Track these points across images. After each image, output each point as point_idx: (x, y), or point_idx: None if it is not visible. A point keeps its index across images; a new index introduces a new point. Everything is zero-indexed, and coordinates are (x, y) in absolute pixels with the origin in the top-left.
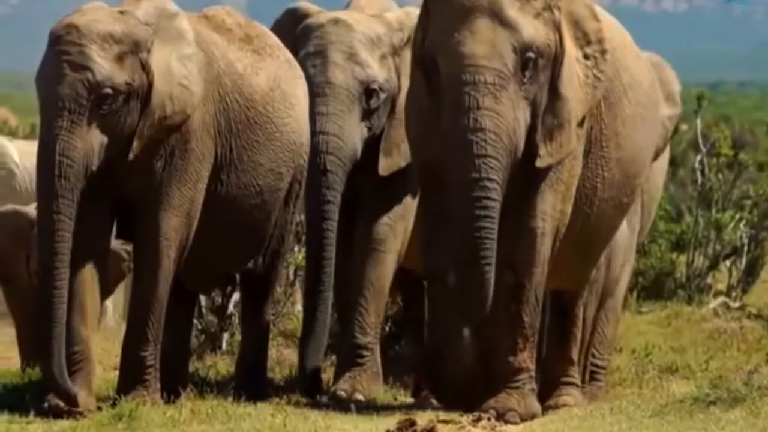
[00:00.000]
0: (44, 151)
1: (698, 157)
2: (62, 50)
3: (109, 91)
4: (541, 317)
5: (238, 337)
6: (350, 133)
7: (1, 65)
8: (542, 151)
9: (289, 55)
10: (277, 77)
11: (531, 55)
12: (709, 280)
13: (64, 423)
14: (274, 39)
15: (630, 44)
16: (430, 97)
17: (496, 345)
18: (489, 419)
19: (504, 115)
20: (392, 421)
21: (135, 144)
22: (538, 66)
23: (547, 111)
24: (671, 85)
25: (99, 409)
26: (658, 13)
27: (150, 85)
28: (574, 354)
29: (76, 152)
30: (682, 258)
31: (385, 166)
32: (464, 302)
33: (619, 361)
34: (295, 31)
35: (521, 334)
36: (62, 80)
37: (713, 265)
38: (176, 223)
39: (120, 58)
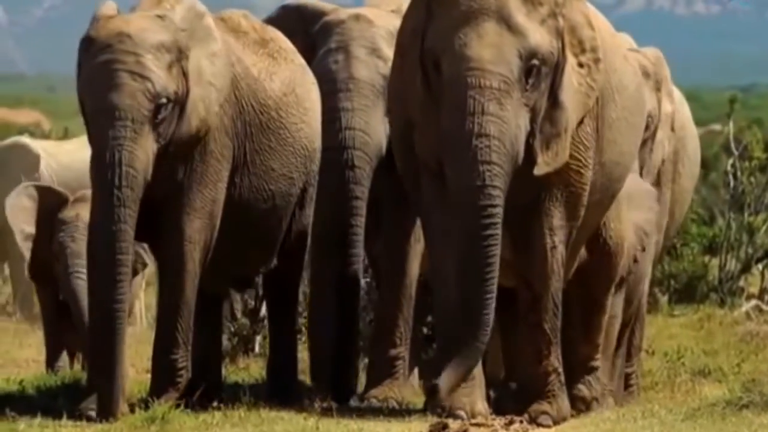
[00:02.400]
0: (107, 161)
1: (730, 161)
2: (117, 59)
3: (164, 100)
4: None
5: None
6: (375, 128)
7: (35, 68)
8: (539, 159)
9: (302, 59)
10: (291, 82)
11: (535, 62)
12: (741, 283)
13: (97, 426)
14: (288, 43)
15: (619, 46)
16: (428, 97)
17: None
18: (521, 422)
19: (507, 122)
20: (425, 424)
21: (173, 150)
22: (541, 73)
23: (546, 119)
24: (669, 83)
25: (132, 411)
26: (690, 16)
27: (187, 92)
28: (600, 339)
29: (140, 162)
30: (715, 261)
31: None
32: (468, 314)
33: (651, 364)
34: (305, 27)
35: (544, 341)
36: (121, 89)
37: (745, 269)
38: (199, 225)
39: (169, 67)
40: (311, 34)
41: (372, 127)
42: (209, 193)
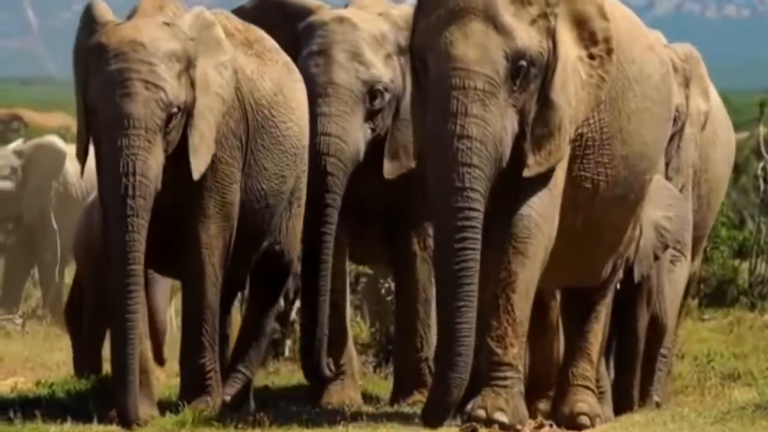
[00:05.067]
0: (121, 169)
1: (761, 164)
2: (131, 68)
3: (175, 110)
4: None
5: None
6: (353, 134)
7: (65, 72)
8: (530, 160)
9: (286, 57)
10: (279, 82)
11: (523, 63)
12: None
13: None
14: (272, 42)
15: (640, 36)
16: (418, 97)
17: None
18: (551, 425)
19: (491, 124)
20: (455, 428)
21: (196, 162)
22: (529, 75)
23: (537, 120)
24: (705, 80)
25: (162, 415)
26: (720, 20)
27: (194, 101)
28: (595, 353)
29: (152, 172)
30: (745, 265)
31: (390, 169)
32: (444, 327)
33: (681, 368)
34: (291, 24)
35: (512, 327)
36: (136, 98)
37: None
38: (216, 230)
39: (179, 77)
40: (297, 32)
41: (349, 134)
42: (222, 198)
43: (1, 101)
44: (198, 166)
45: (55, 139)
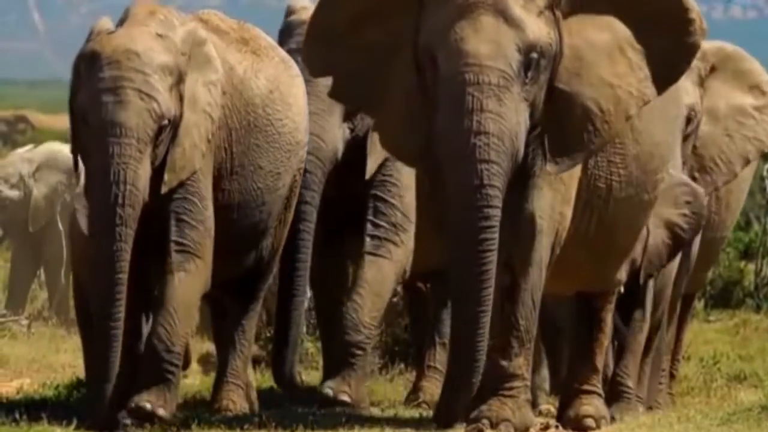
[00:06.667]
0: (112, 178)
1: (766, 166)
2: (124, 76)
3: (166, 122)
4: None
5: (307, 344)
6: (331, 133)
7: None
8: (550, 157)
9: (283, 54)
10: (275, 79)
11: (534, 55)
12: None
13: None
14: (268, 40)
15: None
16: (423, 95)
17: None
18: (557, 427)
19: (507, 119)
20: (460, 429)
21: (168, 177)
22: (540, 66)
23: (545, 112)
24: (754, 75)
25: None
26: (726, 21)
27: (181, 116)
28: (599, 362)
29: (141, 182)
30: (751, 266)
31: (370, 168)
32: (463, 318)
33: (687, 369)
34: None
35: (516, 337)
36: (129, 107)
37: None
38: (199, 233)
39: (171, 90)
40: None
41: (327, 132)
42: (198, 207)
43: (9, 102)
44: (170, 180)
45: (64, 149)
